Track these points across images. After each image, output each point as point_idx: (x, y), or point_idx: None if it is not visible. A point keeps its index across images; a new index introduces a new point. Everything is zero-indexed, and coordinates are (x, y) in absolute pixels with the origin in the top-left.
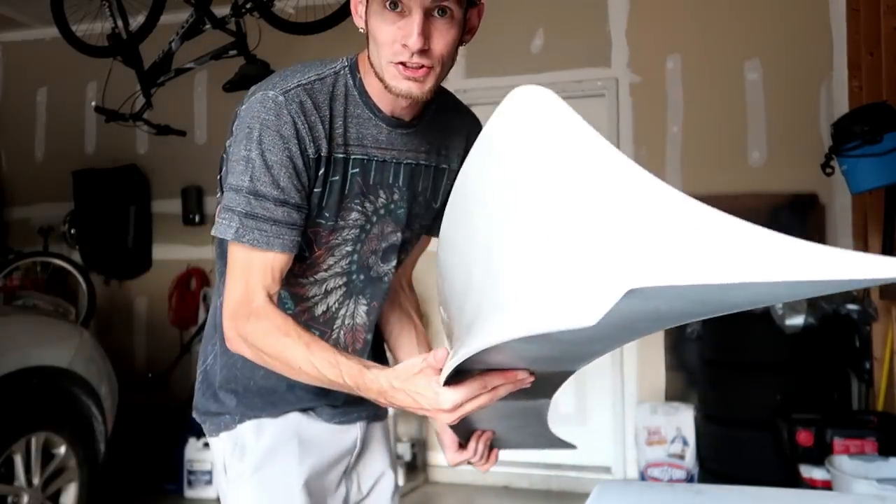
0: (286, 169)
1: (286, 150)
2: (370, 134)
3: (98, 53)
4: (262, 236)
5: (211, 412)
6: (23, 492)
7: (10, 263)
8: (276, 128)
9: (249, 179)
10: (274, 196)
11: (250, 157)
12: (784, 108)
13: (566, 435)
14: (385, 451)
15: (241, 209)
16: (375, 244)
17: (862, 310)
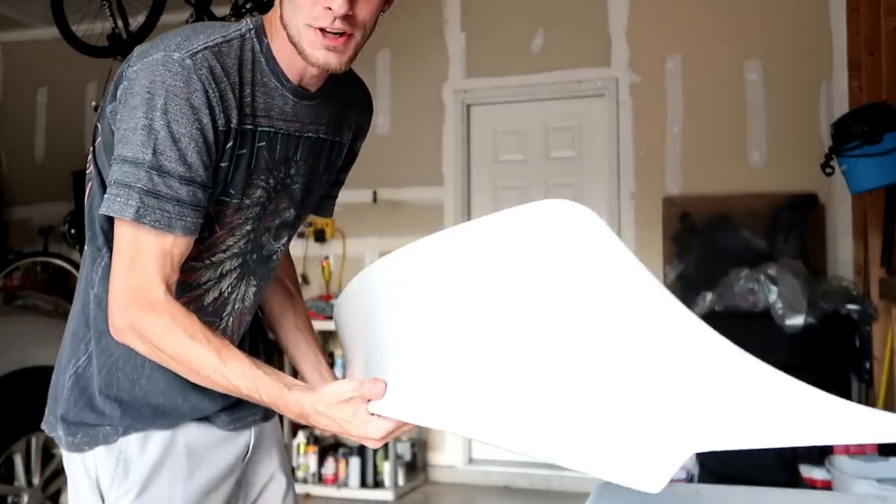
0: (195, 143)
1: (196, 121)
2: (276, 105)
3: (98, 53)
4: (165, 217)
5: (85, 423)
6: (23, 492)
7: (10, 263)
8: (185, 96)
9: (152, 153)
10: (180, 173)
11: (152, 128)
12: (784, 108)
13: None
14: (276, 451)
15: (142, 185)
16: (270, 221)
17: (862, 310)
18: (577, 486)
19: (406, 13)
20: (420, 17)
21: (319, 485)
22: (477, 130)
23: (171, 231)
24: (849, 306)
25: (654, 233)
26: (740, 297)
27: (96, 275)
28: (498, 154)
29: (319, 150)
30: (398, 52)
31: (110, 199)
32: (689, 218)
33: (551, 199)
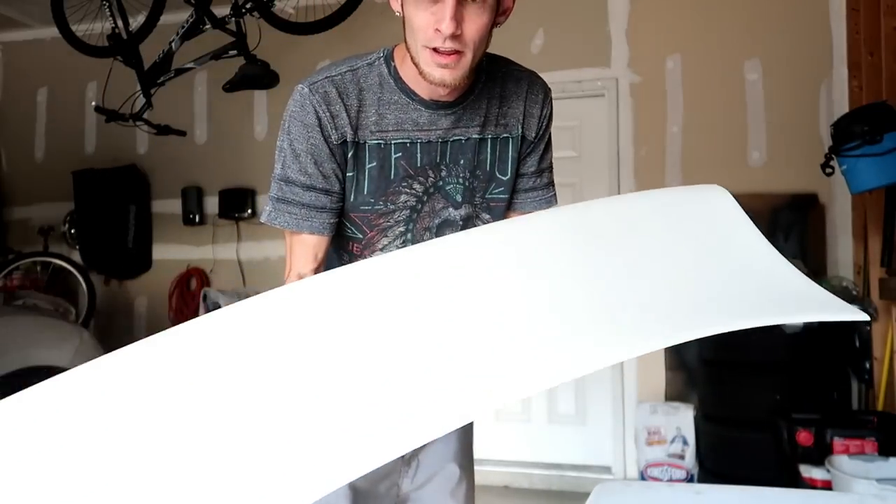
0: (311, 156)
1: (309, 138)
2: (409, 118)
3: (98, 53)
4: (293, 219)
5: None
6: None
7: (10, 263)
8: (301, 118)
9: (281, 167)
10: (301, 182)
11: (282, 147)
12: (784, 108)
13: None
14: (454, 442)
15: (274, 194)
16: (428, 221)
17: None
18: (577, 485)
19: None
20: None
21: None
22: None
23: (300, 230)
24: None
25: None
26: None
27: None
28: None
29: (474, 149)
30: None
31: (263, 209)
32: None
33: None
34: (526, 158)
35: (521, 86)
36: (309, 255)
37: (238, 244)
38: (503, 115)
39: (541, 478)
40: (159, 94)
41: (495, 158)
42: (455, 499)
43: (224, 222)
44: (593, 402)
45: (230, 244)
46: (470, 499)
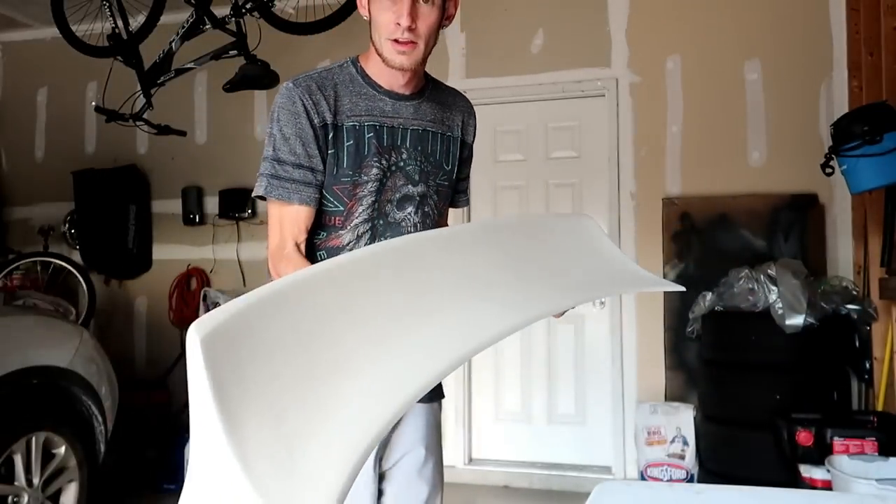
0: (299, 139)
1: (297, 123)
2: (377, 107)
3: (98, 53)
4: (285, 192)
5: None
6: (23, 492)
7: (10, 263)
8: (288, 107)
9: (273, 149)
10: (291, 161)
11: (272, 133)
12: (784, 108)
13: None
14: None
15: (268, 172)
16: (390, 195)
17: (862, 310)
18: (577, 485)
19: None
20: None
21: None
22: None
23: (292, 202)
24: (849, 306)
25: (654, 233)
26: (740, 297)
27: None
28: (498, 154)
29: (429, 140)
30: None
31: (256, 186)
32: (689, 218)
33: None
34: (464, 163)
35: (459, 99)
36: (300, 225)
37: (238, 244)
38: (447, 119)
39: (541, 478)
40: (159, 94)
41: (443, 151)
42: (422, 477)
43: (224, 222)
44: (593, 402)
45: (230, 244)
46: (436, 476)
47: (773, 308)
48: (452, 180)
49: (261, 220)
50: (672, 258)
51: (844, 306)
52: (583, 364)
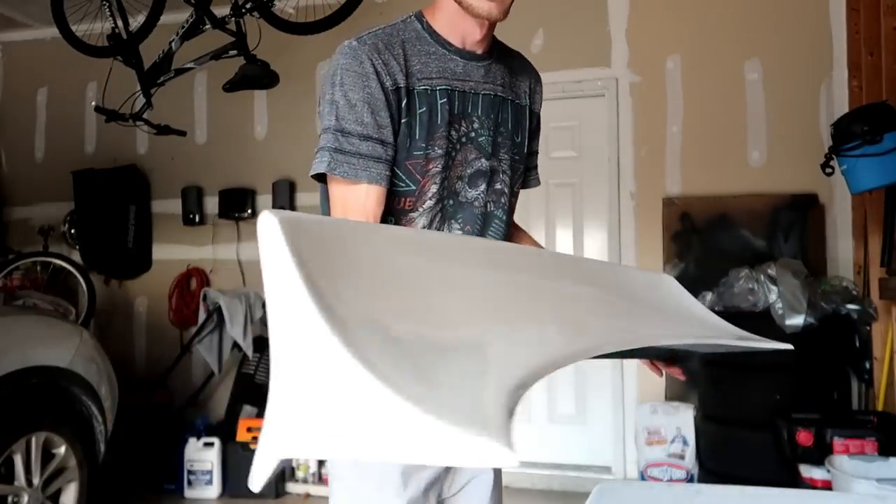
0: (367, 105)
1: (365, 87)
2: (448, 68)
3: (98, 53)
4: (351, 169)
5: None
6: (23, 492)
7: (10, 263)
8: (354, 68)
9: (335, 119)
10: (358, 132)
11: (334, 100)
12: (784, 108)
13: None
14: None
15: (330, 145)
16: (461, 170)
17: (862, 310)
18: (577, 485)
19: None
20: None
21: (319, 485)
22: None
23: (359, 180)
24: (849, 306)
25: (654, 233)
26: (740, 297)
27: None
28: None
29: (501, 108)
30: None
31: (314, 161)
32: (689, 218)
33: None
34: (533, 135)
35: (525, 65)
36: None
37: (238, 244)
38: (515, 85)
39: (541, 478)
40: (159, 94)
41: (514, 121)
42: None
43: (224, 222)
44: (593, 402)
45: (230, 244)
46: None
47: (774, 308)
48: (523, 154)
49: None
50: (672, 258)
51: (844, 306)
52: (583, 364)
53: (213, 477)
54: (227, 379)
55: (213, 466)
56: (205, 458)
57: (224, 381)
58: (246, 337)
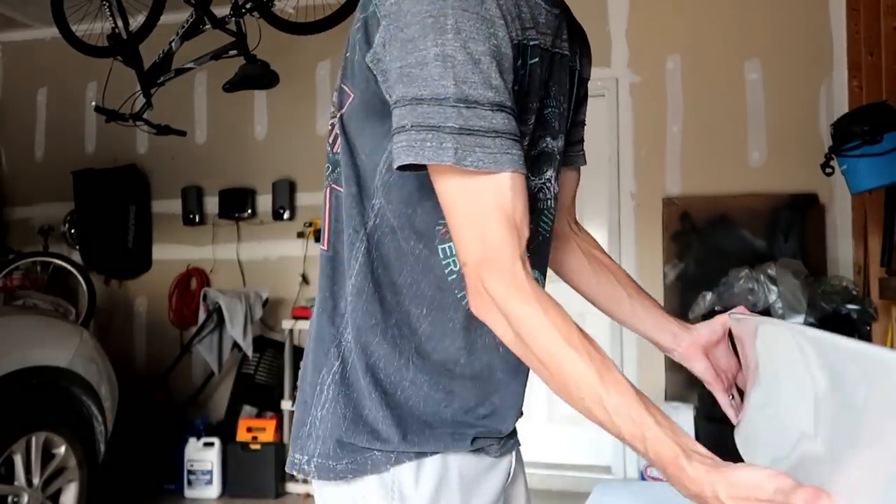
0: (497, 61)
1: (491, 36)
2: (534, 15)
3: (98, 53)
4: (488, 154)
5: (353, 445)
6: (23, 491)
7: (10, 263)
8: (475, 9)
9: (453, 82)
10: (489, 99)
11: (446, 54)
12: (784, 108)
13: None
14: (522, 471)
15: (453, 124)
16: (529, 150)
17: (862, 310)
18: (577, 485)
19: None
20: None
21: None
22: None
23: (502, 168)
24: (849, 306)
25: (654, 233)
26: (740, 297)
27: (354, 261)
28: None
29: (567, 72)
30: None
31: (416, 145)
32: (689, 218)
33: None
34: (580, 104)
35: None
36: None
37: (238, 244)
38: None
39: (540, 478)
40: (159, 94)
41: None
42: None
43: (224, 222)
44: None
45: (230, 244)
46: None
47: (774, 308)
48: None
49: (261, 220)
50: (672, 258)
51: (844, 306)
52: None
53: (213, 477)
54: (227, 379)
55: (213, 466)
56: (205, 458)
57: (224, 381)
58: (246, 337)
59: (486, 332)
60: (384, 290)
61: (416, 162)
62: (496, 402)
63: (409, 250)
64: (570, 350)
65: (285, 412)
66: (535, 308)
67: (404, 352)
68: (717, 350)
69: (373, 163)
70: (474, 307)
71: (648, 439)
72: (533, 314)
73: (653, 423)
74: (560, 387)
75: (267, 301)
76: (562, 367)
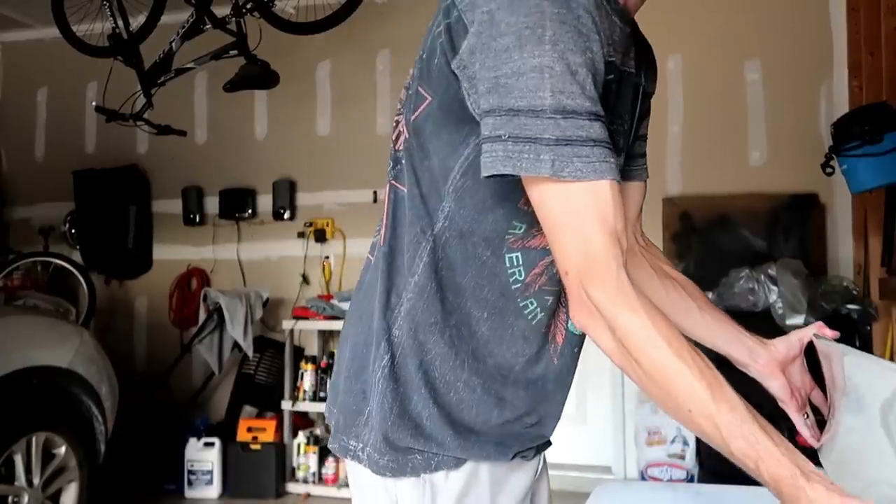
0: (591, 75)
1: (587, 49)
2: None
3: (98, 53)
4: (586, 164)
5: (396, 445)
6: (23, 492)
7: (11, 263)
8: (572, 22)
9: (550, 93)
10: (587, 109)
11: (544, 65)
12: (784, 108)
13: (566, 434)
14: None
15: (550, 135)
16: None
17: (862, 310)
18: (577, 485)
19: (406, 13)
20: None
21: (319, 485)
22: None
23: (601, 176)
24: (849, 306)
25: (654, 233)
26: (740, 297)
27: (419, 260)
28: None
29: (631, 88)
30: (398, 53)
31: (513, 156)
32: (689, 218)
33: None
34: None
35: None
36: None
37: (238, 244)
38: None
39: None
40: (159, 94)
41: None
42: None
43: (224, 222)
44: (593, 402)
45: (230, 244)
46: None
47: (774, 308)
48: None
49: (261, 220)
50: (672, 258)
51: (844, 306)
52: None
53: (213, 477)
54: (228, 379)
55: (213, 466)
56: (205, 458)
57: (224, 381)
58: (246, 337)
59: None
60: (447, 290)
61: (515, 173)
62: (542, 413)
63: (477, 255)
64: (678, 363)
65: (285, 412)
66: (643, 319)
67: (461, 353)
68: (793, 367)
69: (446, 167)
70: (577, 317)
71: (763, 459)
72: (642, 326)
73: (767, 442)
74: (667, 398)
75: (267, 301)
76: (670, 380)
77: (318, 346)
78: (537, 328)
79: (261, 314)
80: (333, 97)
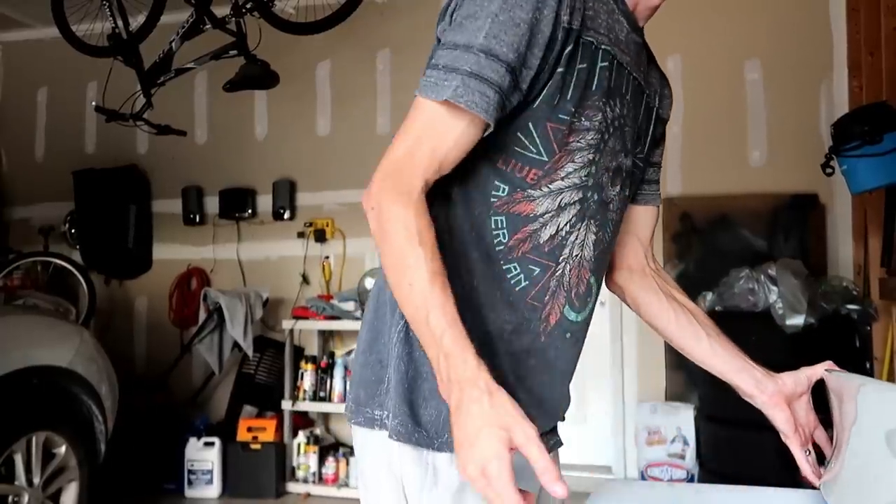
0: (529, 31)
1: (537, 10)
2: (615, 28)
3: (98, 53)
4: (483, 101)
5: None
6: (23, 491)
7: (11, 263)
8: None
9: (484, 36)
10: (508, 59)
11: (490, 10)
12: (784, 108)
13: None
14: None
15: (468, 68)
16: (609, 160)
17: (862, 310)
18: (577, 486)
19: (406, 13)
20: (420, 17)
21: (319, 484)
22: None
23: (485, 115)
24: (849, 306)
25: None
26: (740, 297)
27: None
28: None
29: (639, 99)
30: (398, 52)
31: (429, 81)
32: (689, 218)
33: None
34: (657, 143)
35: (655, 63)
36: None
37: (238, 244)
38: (648, 76)
39: None
40: (159, 94)
41: (645, 120)
42: None
43: (224, 222)
44: (593, 402)
45: (230, 244)
46: None
47: (774, 308)
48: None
49: (261, 220)
50: (672, 258)
51: (844, 306)
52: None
53: (213, 477)
54: (228, 379)
55: (213, 466)
56: (205, 457)
57: (224, 381)
58: (246, 337)
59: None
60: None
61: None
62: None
63: (467, 215)
64: (418, 248)
65: (285, 412)
66: (408, 212)
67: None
68: (798, 403)
69: None
70: (364, 195)
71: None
72: (401, 213)
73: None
74: (396, 275)
75: (267, 301)
76: (405, 257)
77: (318, 346)
78: (521, 296)
79: (261, 314)
80: (333, 97)
